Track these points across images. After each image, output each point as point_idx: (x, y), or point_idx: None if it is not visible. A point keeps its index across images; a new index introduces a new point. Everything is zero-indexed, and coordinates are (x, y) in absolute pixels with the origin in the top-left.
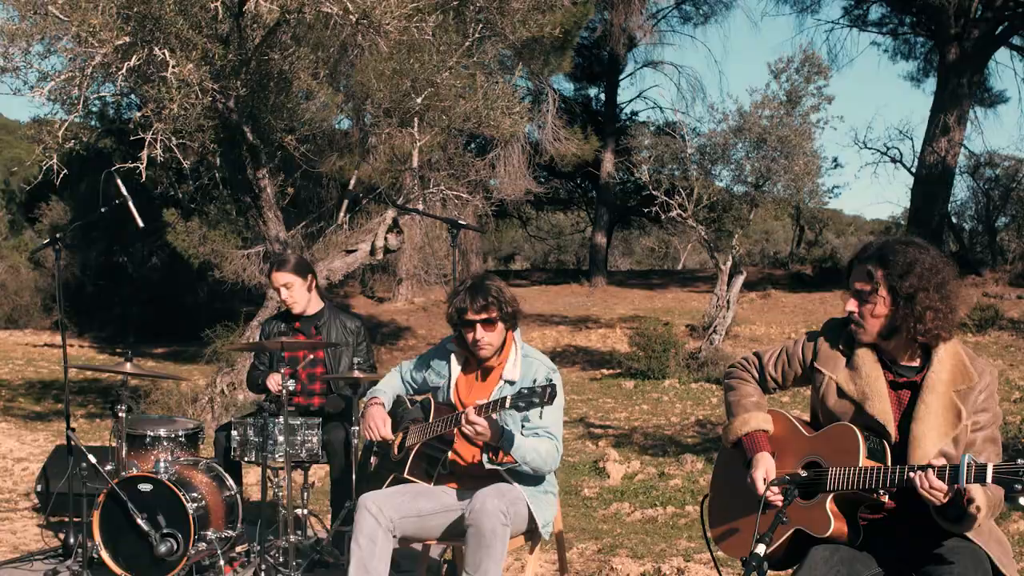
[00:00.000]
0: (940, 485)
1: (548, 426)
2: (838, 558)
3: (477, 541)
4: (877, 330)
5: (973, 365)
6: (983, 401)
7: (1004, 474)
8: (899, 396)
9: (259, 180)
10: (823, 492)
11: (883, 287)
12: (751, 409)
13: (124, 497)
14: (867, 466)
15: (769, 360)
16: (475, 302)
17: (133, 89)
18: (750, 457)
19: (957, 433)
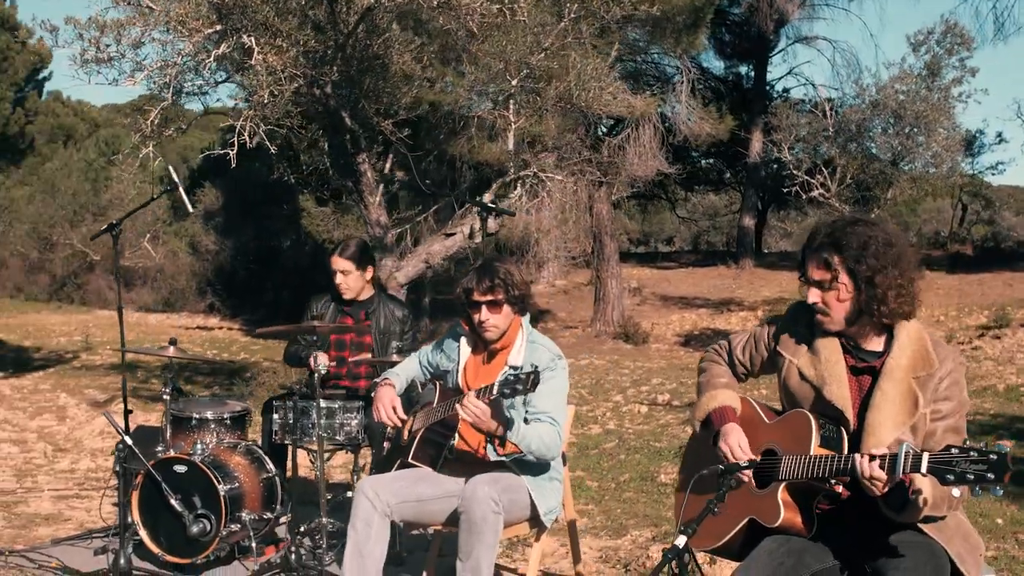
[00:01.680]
0: (880, 474)
1: (550, 411)
2: (785, 550)
3: (468, 528)
4: (843, 316)
5: (936, 351)
6: (945, 389)
7: (937, 463)
8: (859, 382)
9: (359, 165)
10: (776, 481)
11: (843, 273)
12: (720, 387)
13: (159, 478)
14: (819, 454)
15: (737, 345)
16: (481, 283)
17: (228, 77)
18: (717, 430)
19: (915, 421)
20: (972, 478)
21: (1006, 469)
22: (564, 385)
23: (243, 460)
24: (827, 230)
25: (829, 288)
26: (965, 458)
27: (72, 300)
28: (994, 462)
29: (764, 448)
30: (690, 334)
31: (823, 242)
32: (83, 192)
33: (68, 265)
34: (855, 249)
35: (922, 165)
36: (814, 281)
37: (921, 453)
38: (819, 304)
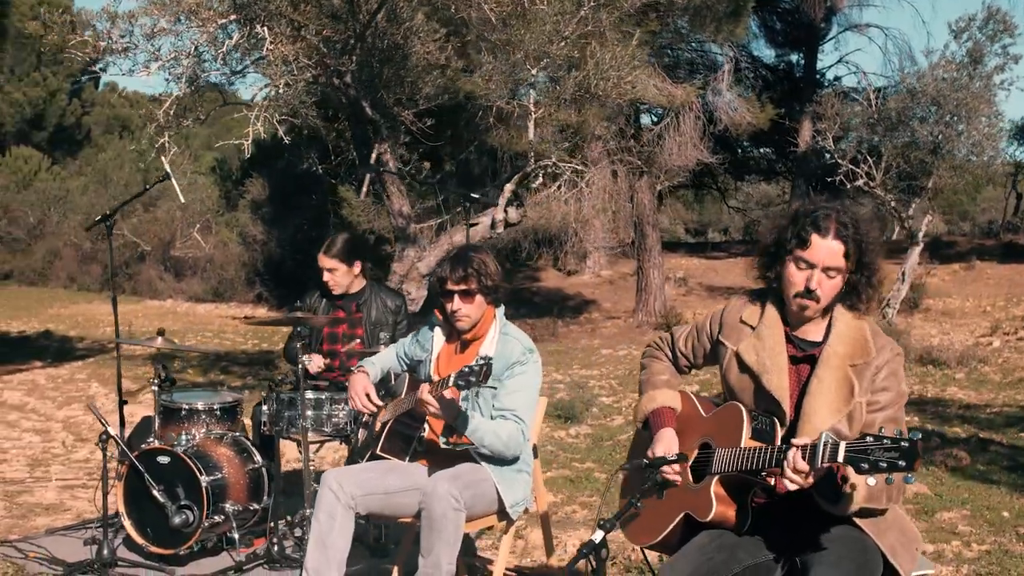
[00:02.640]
0: (803, 465)
1: (516, 408)
2: (716, 545)
3: (428, 524)
4: (827, 304)
5: (874, 340)
6: (883, 380)
7: (853, 452)
8: (798, 371)
9: (382, 155)
10: (709, 475)
11: (853, 262)
12: (659, 387)
13: (141, 468)
14: (749, 447)
15: (680, 337)
16: (455, 272)
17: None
18: (654, 434)
19: (851, 410)
20: (885, 466)
21: (916, 456)
22: (534, 380)
23: (229, 451)
24: (836, 215)
25: (836, 277)
26: (879, 446)
27: (123, 290)
28: (906, 449)
29: (700, 442)
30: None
31: (839, 228)
32: (135, 182)
33: (119, 255)
34: (867, 237)
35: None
36: (826, 268)
37: (838, 442)
38: (818, 291)
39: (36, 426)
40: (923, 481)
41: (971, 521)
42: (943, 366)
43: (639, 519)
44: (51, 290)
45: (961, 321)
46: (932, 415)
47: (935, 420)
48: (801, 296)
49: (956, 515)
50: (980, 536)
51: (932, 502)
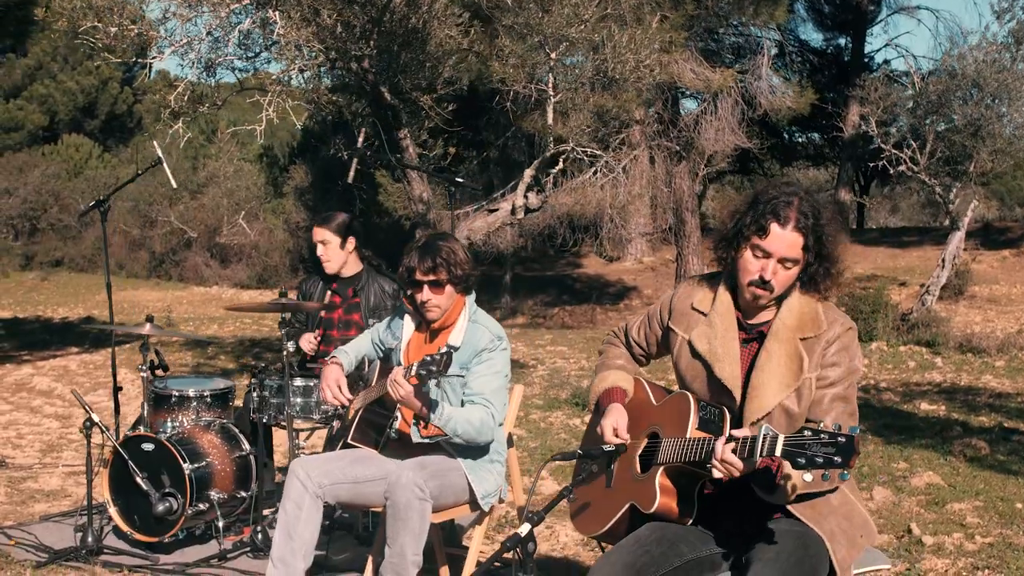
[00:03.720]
0: (732, 459)
1: (486, 394)
2: (656, 538)
3: (393, 515)
4: (781, 293)
5: (825, 314)
6: (833, 355)
7: (791, 446)
8: (748, 350)
9: (401, 140)
10: (655, 465)
11: (812, 254)
12: (612, 368)
13: (125, 456)
14: (694, 437)
15: (633, 325)
16: (423, 262)
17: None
18: (603, 409)
19: (799, 385)
20: (821, 461)
21: (853, 452)
22: (503, 367)
23: (216, 438)
24: (797, 203)
25: (792, 268)
26: (816, 441)
27: (170, 277)
28: (842, 445)
29: (649, 431)
30: None
31: (800, 219)
32: (182, 170)
33: (167, 242)
34: (826, 226)
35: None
36: (782, 258)
37: (777, 436)
38: (772, 281)
39: (59, 412)
40: (938, 471)
41: (981, 512)
42: (982, 354)
43: (588, 508)
44: (100, 276)
45: (1007, 308)
46: (961, 403)
47: (963, 409)
48: (754, 285)
49: (967, 506)
50: (987, 528)
51: (944, 493)
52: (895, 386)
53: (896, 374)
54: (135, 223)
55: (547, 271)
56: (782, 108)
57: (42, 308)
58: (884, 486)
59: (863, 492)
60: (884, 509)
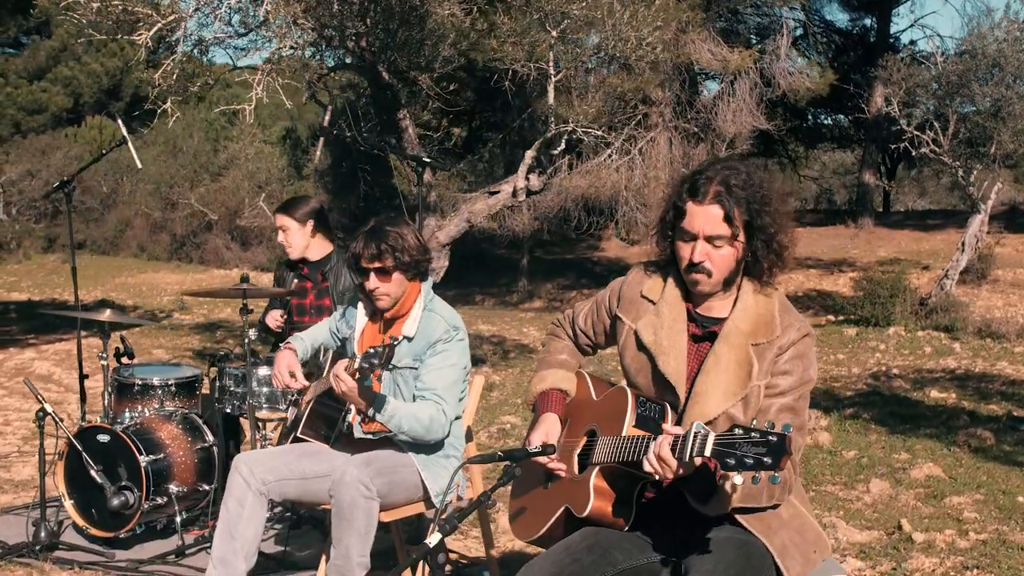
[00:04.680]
0: (667, 455)
1: (437, 388)
2: (587, 545)
3: (337, 514)
4: (725, 277)
5: (781, 318)
6: (786, 362)
7: (721, 446)
8: (699, 349)
9: (399, 121)
10: (590, 465)
11: (743, 230)
12: (552, 366)
13: (79, 447)
14: (630, 435)
15: (580, 313)
16: (368, 248)
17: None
18: (538, 416)
19: (747, 393)
20: (751, 463)
21: (783, 453)
22: (459, 359)
23: (176, 429)
24: (718, 176)
25: (724, 245)
26: (747, 440)
27: (191, 259)
28: (773, 444)
29: (588, 428)
30: (791, 296)
31: (720, 192)
32: (203, 152)
33: (187, 225)
34: (756, 200)
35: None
36: (707, 237)
37: (708, 433)
38: (706, 263)
39: (52, 398)
40: (939, 463)
41: (980, 507)
42: (1001, 339)
43: (525, 511)
44: (121, 259)
45: None
46: (972, 391)
47: (974, 396)
48: (690, 271)
49: (966, 499)
50: (983, 524)
51: (944, 485)
52: (907, 372)
53: (911, 360)
54: (156, 205)
55: (567, 254)
56: (801, 89)
57: (59, 291)
58: (882, 478)
59: (860, 484)
60: (879, 503)
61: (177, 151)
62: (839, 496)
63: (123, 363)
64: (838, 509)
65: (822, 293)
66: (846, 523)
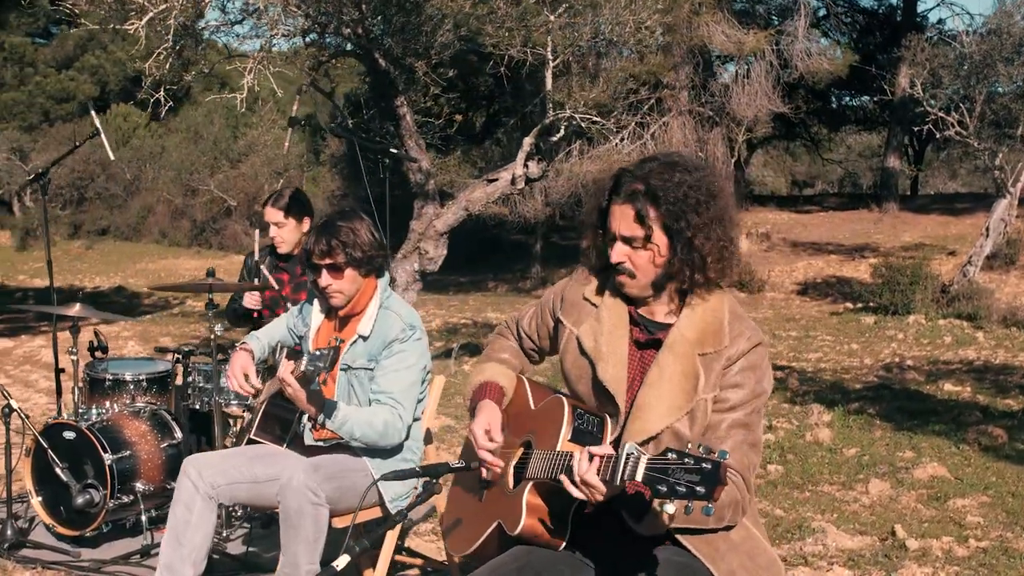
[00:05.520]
0: (593, 479)
1: (393, 392)
2: (518, 567)
3: (285, 521)
4: (651, 281)
5: (731, 326)
6: (736, 374)
7: (652, 471)
8: (643, 357)
9: (397, 108)
10: (524, 480)
11: (658, 231)
12: (492, 361)
13: (45, 445)
14: (565, 451)
15: (525, 316)
16: (318, 244)
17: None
18: (473, 407)
19: (692, 407)
20: (683, 491)
21: (716, 483)
22: (416, 360)
23: (144, 426)
24: (639, 173)
25: (641, 247)
26: (680, 466)
27: (210, 245)
28: (707, 473)
29: (524, 439)
30: (811, 283)
31: (636, 190)
32: (224, 139)
33: (207, 211)
34: (675, 201)
35: None
36: (623, 237)
37: (640, 457)
38: (626, 264)
39: (50, 386)
40: (945, 462)
41: (986, 510)
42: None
43: (459, 525)
44: (144, 245)
45: None
46: (990, 384)
47: (990, 390)
48: (615, 272)
49: (971, 502)
50: (985, 529)
51: (949, 486)
52: (922, 364)
53: (928, 350)
54: (177, 192)
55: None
56: (820, 71)
57: (80, 277)
58: (883, 478)
59: (859, 484)
60: (878, 505)
61: (198, 138)
62: (835, 497)
63: (97, 357)
64: (832, 512)
65: (841, 279)
66: (836, 528)
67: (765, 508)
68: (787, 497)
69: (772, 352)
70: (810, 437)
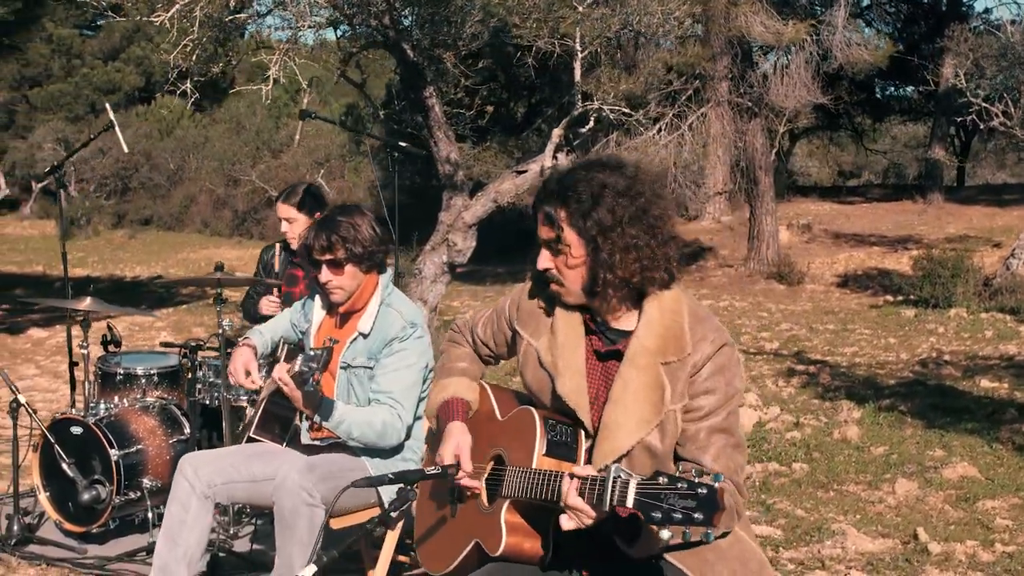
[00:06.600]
0: (580, 504)
1: (392, 391)
2: None
3: (279, 521)
4: (580, 286)
5: (692, 331)
6: (706, 379)
7: (645, 496)
8: (606, 369)
9: (426, 99)
10: (500, 498)
11: (568, 231)
12: (453, 374)
13: (52, 440)
14: (541, 469)
15: (480, 321)
16: (318, 239)
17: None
18: (442, 428)
19: (662, 419)
20: (680, 518)
21: (716, 508)
22: (417, 359)
23: (153, 421)
24: (558, 176)
25: (559, 251)
26: (674, 491)
27: (251, 235)
28: (703, 498)
29: (494, 454)
30: (852, 275)
31: (551, 191)
32: (266, 129)
33: (249, 200)
34: (585, 201)
35: None
36: (543, 241)
37: (629, 480)
38: (552, 271)
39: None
40: (977, 462)
41: (1017, 512)
42: None
43: (431, 541)
44: (186, 235)
45: None
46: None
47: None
48: (546, 280)
49: (1001, 504)
50: (1014, 533)
51: (979, 487)
52: (959, 359)
53: (968, 345)
54: (219, 182)
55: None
56: (859, 61)
57: (121, 266)
58: (910, 478)
59: (885, 484)
60: (903, 506)
61: (240, 128)
62: (860, 497)
63: (110, 351)
64: (855, 512)
65: (882, 271)
66: (858, 530)
67: (786, 508)
68: (810, 497)
69: (808, 346)
70: (838, 435)
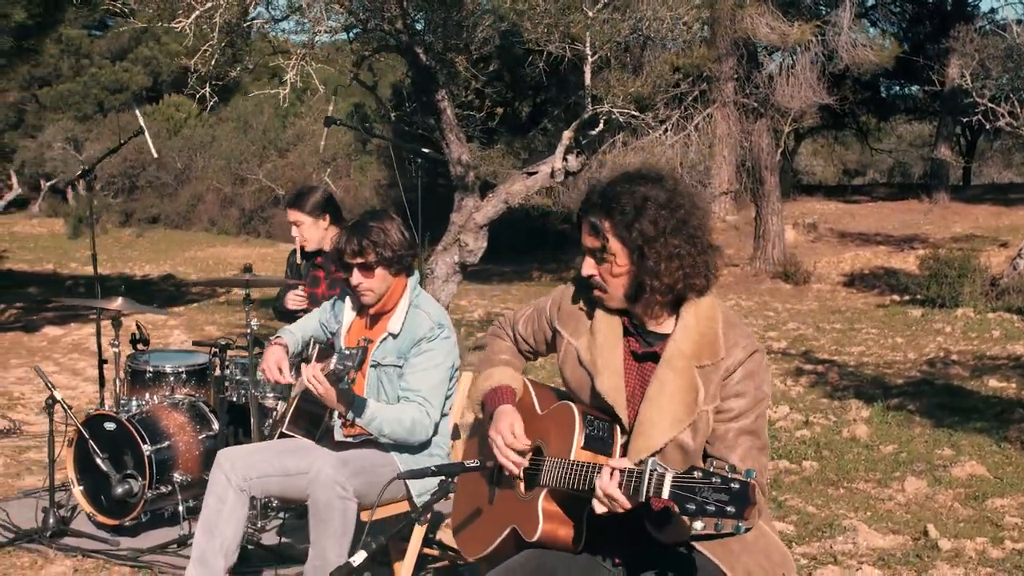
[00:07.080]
0: (617, 494)
1: (421, 390)
2: (532, 567)
3: (314, 514)
4: (623, 293)
5: (725, 336)
6: (737, 384)
7: (680, 488)
8: (642, 370)
9: (438, 102)
10: (538, 487)
11: (613, 241)
12: (497, 365)
13: (86, 435)
14: (579, 460)
15: (520, 318)
16: (350, 243)
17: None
18: (491, 412)
19: (695, 419)
20: (713, 510)
21: (748, 502)
22: (444, 359)
23: (182, 418)
24: (600, 189)
25: (603, 260)
26: (708, 485)
27: (258, 234)
28: (736, 492)
29: (534, 445)
30: (858, 274)
31: (594, 203)
32: (273, 128)
33: (256, 199)
34: (629, 213)
35: None
36: (587, 250)
37: (664, 473)
38: (596, 278)
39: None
40: (985, 461)
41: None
42: None
43: (470, 526)
44: (193, 233)
45: None
46: None
47: None
48: (590, 286)
49: (1010, 502)
50: (1023, 531)
51: (988, 486)
52: (967, 359)
53: (975, 344)
54: (226, 181)
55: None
56: (865, 62)
57: (130, 265)
58: (919, 476)
59: (894, 482)
60: (913, 503)
61: (247, 128)
62: (870, 495)
63: (138, 349)
64: (865, 510)
65: (889, 271)
66: (868, 526)
67: (797, 505)
68: (821, 494)
69: (815, 345)
70: (847, 433)
